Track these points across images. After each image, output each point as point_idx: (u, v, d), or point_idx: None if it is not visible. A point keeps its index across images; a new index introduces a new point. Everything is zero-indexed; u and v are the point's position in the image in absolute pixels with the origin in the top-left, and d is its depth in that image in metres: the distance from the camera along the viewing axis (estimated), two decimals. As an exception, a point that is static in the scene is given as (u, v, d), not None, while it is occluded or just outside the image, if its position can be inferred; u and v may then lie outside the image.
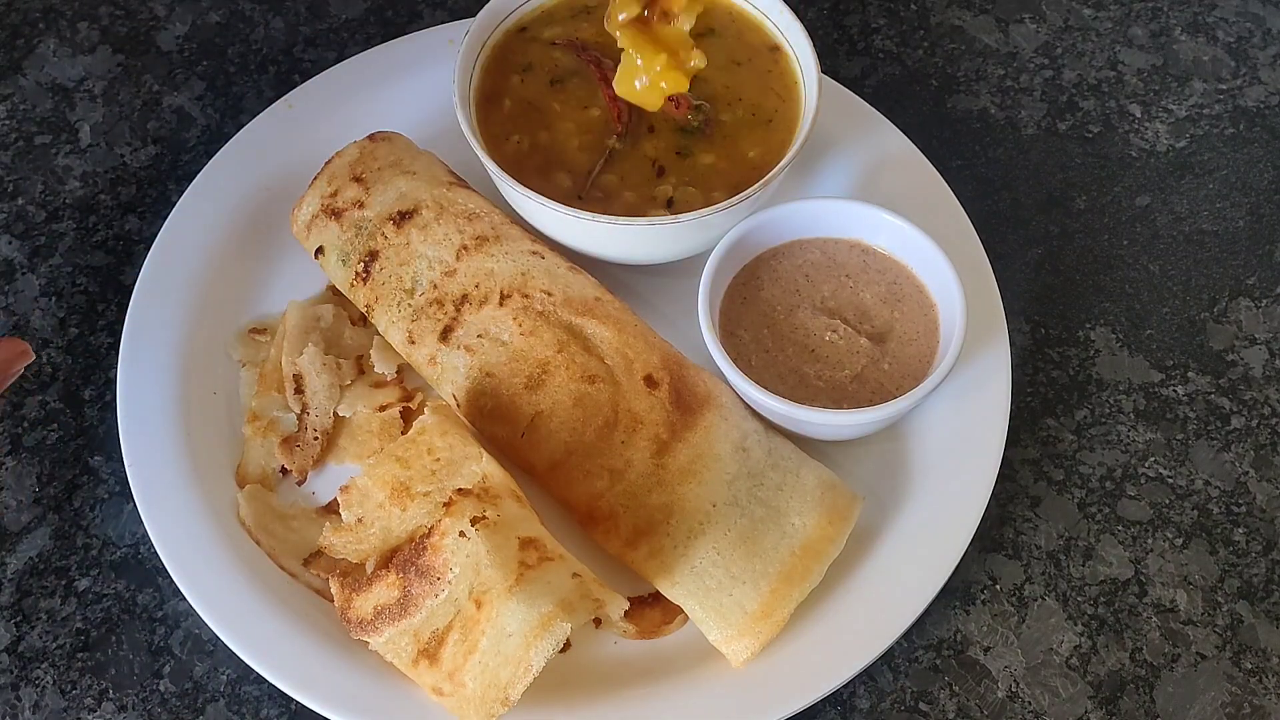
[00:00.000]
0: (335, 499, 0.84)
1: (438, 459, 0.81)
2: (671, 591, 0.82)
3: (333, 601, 0.80)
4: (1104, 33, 1.16)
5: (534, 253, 0.90)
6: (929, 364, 0.86)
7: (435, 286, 0.89)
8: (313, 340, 0.91)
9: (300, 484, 0.89)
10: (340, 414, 0.90)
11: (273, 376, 0.92)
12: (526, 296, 0.88)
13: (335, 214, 0.92)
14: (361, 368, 0.93)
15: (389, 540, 0.80)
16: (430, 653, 0.77)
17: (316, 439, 0.89)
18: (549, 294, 0.88)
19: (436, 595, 0.76)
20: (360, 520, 0.81)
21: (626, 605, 0.79)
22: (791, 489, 0.84)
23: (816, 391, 0.85)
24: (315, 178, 0.94)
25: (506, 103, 0.93)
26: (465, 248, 0.90)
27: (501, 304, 0.88)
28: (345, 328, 0.94)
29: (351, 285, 0.91)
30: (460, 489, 0.78)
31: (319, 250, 0.92)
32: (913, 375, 0.86)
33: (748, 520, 0.82)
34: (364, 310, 0.92)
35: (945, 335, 0.87)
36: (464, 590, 0.76)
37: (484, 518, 0.76)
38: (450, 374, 0.88)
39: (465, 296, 0.89)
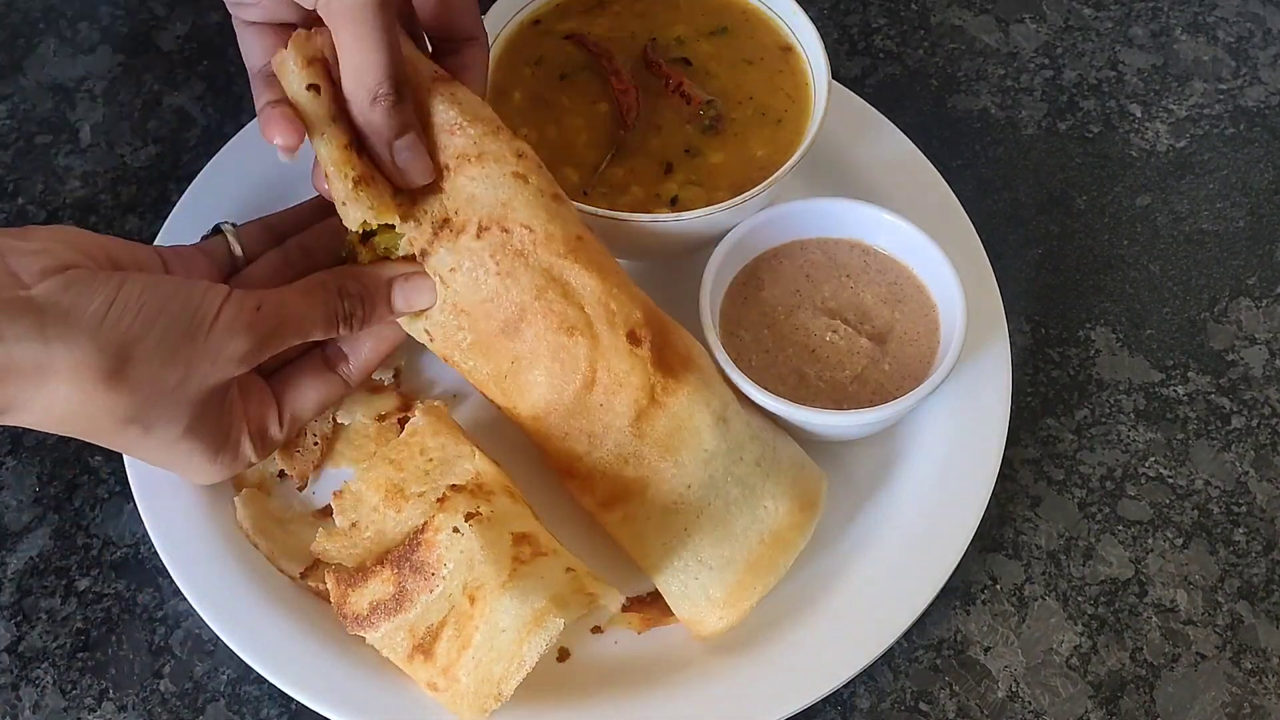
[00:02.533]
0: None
1: (430, 459, 0.81)
2: (642, 563, 0.82)
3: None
4: (1104, 33, 1.16)
5: (517, 175, 0.82)
6: (929, 364, 0.86)
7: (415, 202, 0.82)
8: None
9: (301, 489, 0.89)
10: (340, 420, 0.90)
11: None
12: (506, 231, 0.81)
13: (327, 71, 0.80)
14: None
15: (384, 543, 0.80)
16: (425, 648, 0.77)
17: (316, 444, 0.89)
18: (529, 229, 0.81)
19: (431, 591, 0.76)
20: (355, 524, 0.81)
21: (622, 599, 0.79)
22: (769, 465, 0.83)
23: (817, 392, 0.85)
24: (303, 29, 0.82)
25: (516, 95, 0.93)
26: (446, 167, 0.83)
27: (479, 236, 0.81)
28: None
29: (347, 146, 0.80)
30: (454, 485, 0.79)
31: (313, 86, 0.78)
32: (913, 376, 0.86)
33: (722, 502, 0.82)
34: (353, 180, 0.80)
35: (946, 336, 0.87)
36: (458, 586, 0.76)
37: (477, 513, 0.76)
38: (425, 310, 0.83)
39: (446, 221, 0.82)
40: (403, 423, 0.90)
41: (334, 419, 0.90)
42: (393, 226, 0.81)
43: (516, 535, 0.77)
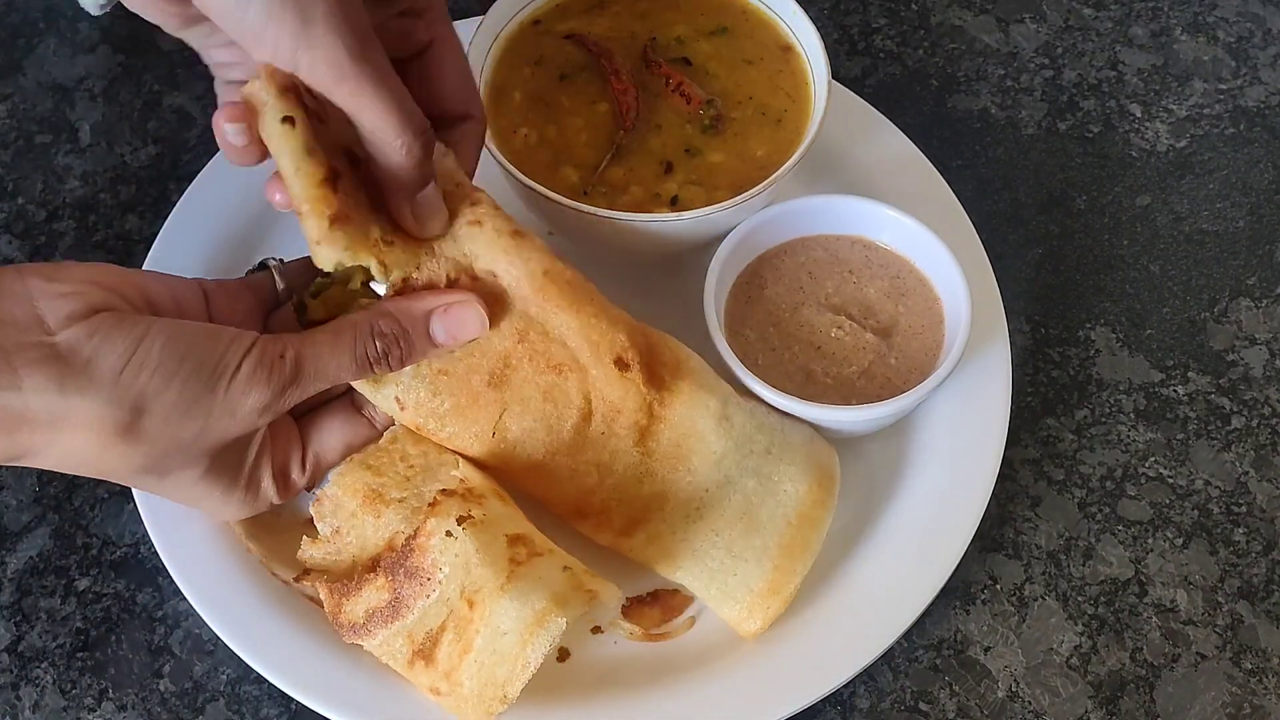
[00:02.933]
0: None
1: (411, 465, 0.81)
2: (675, 575, 0.82)
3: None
4: (1104, 33, 1.16)
5: (472, 222, 0.80)
6: (935, 357, 0.86)
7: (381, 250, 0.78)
8: None
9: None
10: None
11: None
12: (475, 279, 0.80)
13: (300, 99, 0.74)
14: None
15: (366, 549, 0.79)
16: (425, 653, 0.77)
17: None
18: (493, 274, 0.80)
19: (427, 596, 0.76)
20: (337, 530, 0.80)
21: (621, 594, 0.79)
22: (780, 450, 0.84)
23: (825, 389, 0.86)
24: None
25: (516, 96, 0.93)
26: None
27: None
28: None
29: (323, 182, 0.74)
30: (443, 490, 0.78)
31: (288, 119, 0.72)
32: (920, 369, 0.86)
33: (742, 496, 0.83)
34: (329, 218, 0.74)
35: (951, 327, 0.87)
36: (455, 590, 0.76)
37: (470, 517, 0.76)
38: (395, 375, 0.80)
39: (406, 280, 0.79)
40: None
41: None
42: (345, 283, 0.78)
43: (511, 537, 0.77)
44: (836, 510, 0.87)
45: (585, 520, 0.83)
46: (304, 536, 0.81)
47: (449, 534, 0.75)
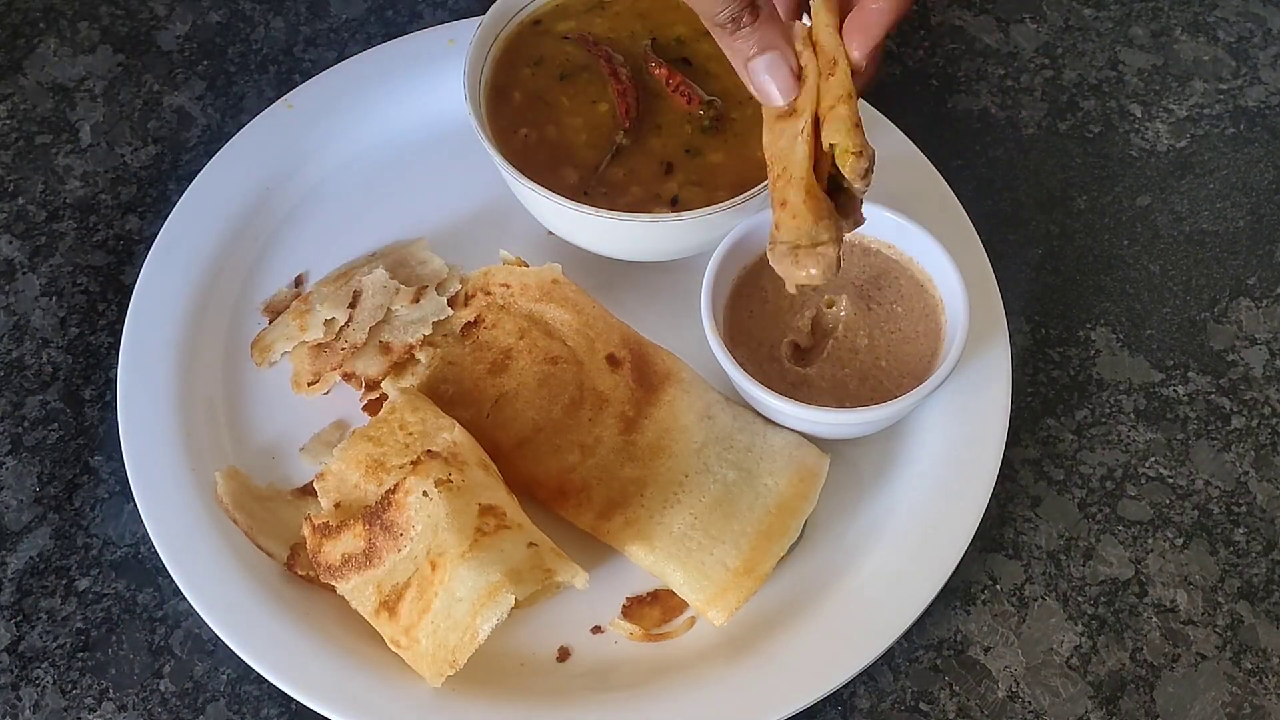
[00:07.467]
0: (312, 481, 0.85)
1: (410, 433, 0.83)
2: (650, 557, 0.83)
3: (320, 591, 0.82)
4: (1104, 33, 1.16)
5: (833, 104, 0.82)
6: (932, 362, 0.86)
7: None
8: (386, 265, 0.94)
9: (311, 383, 0.91)
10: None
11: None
12: (489, 294, 0.91)
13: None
14: (419, 298, 0.92)
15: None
16: (390, 605, 0.79)
17: (344, 348, 0.91)
18: (506, 286, 0.91)
19: (398, 551, 0.78)
20: (338, 505, 0.82)
21: (584, 575, 0.79)
22: (761, 450, 0.86)
23: (820, 391, 0.85)
24: None
25: (516, 96, 0.93)
26: None
27: (466, 304, 0.91)
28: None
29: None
30: (429, 450, 0.80)
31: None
32: (915, 374, 0.86)
33: (721, 485, 0.84)
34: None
35: (949, 334, 0.87)
36: (423, 550, 0.78)
37: (448, 480, 0.78)
38: (411, 365, 0.90)
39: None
40: (371, 406, 0.91)
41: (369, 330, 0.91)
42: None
43: (483, 506, 0.79)
44: (837, 511, 0.87)
45: (566, 500, 0.85)
46: (306, 514, 0.82)
47: (425, 494, 0.77)
